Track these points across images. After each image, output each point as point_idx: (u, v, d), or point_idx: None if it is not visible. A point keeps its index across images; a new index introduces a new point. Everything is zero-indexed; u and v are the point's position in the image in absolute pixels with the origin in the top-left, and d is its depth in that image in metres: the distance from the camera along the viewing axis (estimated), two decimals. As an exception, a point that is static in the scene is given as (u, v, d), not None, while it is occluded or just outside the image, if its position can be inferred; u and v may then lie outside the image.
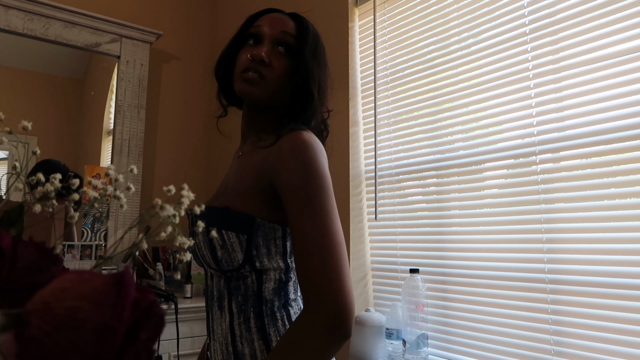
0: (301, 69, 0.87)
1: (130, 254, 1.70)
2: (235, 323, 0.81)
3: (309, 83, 0.86)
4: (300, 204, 0.76)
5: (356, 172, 1.72)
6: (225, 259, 0.81)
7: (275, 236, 0.81)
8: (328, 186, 0.79)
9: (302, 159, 0.77)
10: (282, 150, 0.79)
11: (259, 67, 0.85)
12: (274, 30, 0.89)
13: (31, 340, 0.24)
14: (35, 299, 0.26)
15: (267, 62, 0.85)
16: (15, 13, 1.98)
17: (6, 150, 1.99)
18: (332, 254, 0.72)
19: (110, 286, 0.26)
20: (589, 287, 1.10)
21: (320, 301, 0.69)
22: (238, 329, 0.81)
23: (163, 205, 0.39)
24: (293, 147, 0.78)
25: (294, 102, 0.88)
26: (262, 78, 0.85)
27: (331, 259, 0.72)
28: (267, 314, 0.81)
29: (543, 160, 1.21)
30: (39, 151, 0.53)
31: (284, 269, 0.83)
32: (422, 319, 1.36)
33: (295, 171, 0.77)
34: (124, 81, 2.23)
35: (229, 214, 0.82)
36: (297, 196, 0.76)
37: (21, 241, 0.31)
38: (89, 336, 0.24)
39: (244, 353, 0.80)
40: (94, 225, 2.09)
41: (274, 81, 0.86)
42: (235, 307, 0.82)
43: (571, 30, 1.18)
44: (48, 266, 0.31)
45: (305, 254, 0.73)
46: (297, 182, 0.76)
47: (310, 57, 0.88)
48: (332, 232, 0.74)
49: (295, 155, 0.78)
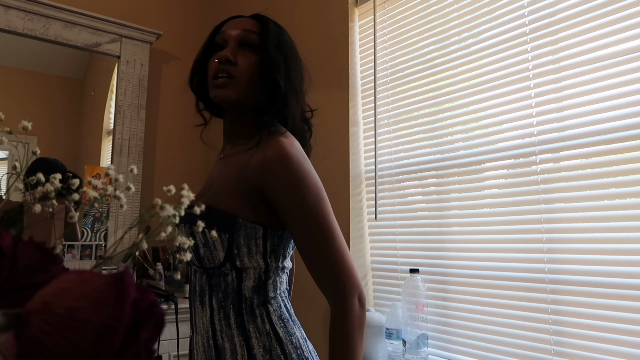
0: (266, 62, 0.90)
1: (130, 254, 1.70)
2: (215, 318, 0.86)
3: (275, 75, 0.89)
4: (303, 218, 0.84)
5: (356, 172, 1.72)
6: (207, 256, 0.85)
7: (256, 236, 0.85)
8: (321, 190, 0.86)
9: (292, 174, 0.83)
10: (266, 161, 0.84)
11: (227, 67, 0.89)
12: (237, 30, 0.92)
13: (31, 340, 0.24)
14: (35, 299, 0.26)
15: (233, 60, 0.89)
16: (15, 13, 1.98)
17: (6, 150, 1.99)
18: (342, 253, 0.84)
19: (110, 286, 0.26)
20: (589, 287, 1.10)
21: (348, 291, 0.83)
22: (218, 324, 0.86)
23: (163, 205, 0.39)
24: (279, 160, 0.83)
25: (265, 98, 0.91)
26: (232, 78, 0.89)
27: (343, 256, 0.84)
28: (246, 311, 0.85)
29: (543, 160, 1.21)
30: (39, 151, 0.53)
31: (263, 268, 0.87)
32: (422, 319, 1.36)
33: (289, 189, 0.84)
34: (124, 81, 2.23)
35: (212, 213, 0.85)
36: (298, 211, 0.84)
37: (21, 241, 0.31)
38: (89, 336, 0.24)
39: (224, 347, 0.84)
40: (94, 225, 2.08)
41: (244, 78, 0.89)
42: (215, 302, 0.86)
43: (571, 30, 1.18)
44: (48, 266, 0.31)
45: (322, 259, 0.84)
46: (294, 199, 0.83)
47: (274, 51, 0.91)
48: (336, 234, 0.85)
49: (282, 170, 0.83)
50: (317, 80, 1.90)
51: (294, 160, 0.84)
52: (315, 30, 1.92)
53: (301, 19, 2.01)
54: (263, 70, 0.90)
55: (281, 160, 0.83)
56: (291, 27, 2.21)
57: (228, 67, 0.89)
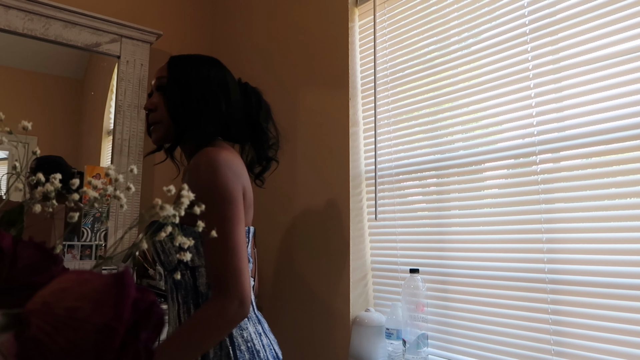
0: (166, 98, 1.06)
1: (130, 254, 1.70)
2: (180, 312, 1.00)
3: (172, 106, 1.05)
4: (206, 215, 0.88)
5: (356, 172, 1.72)
6: (166, 261, 1.00)
7: (200, 237, 0.96)
8: (229, 195, 0.95)
9: (205, 174, 0.94)
10: (190, 167, 0.98)
11: (150, 115, 1.09)
12: (154, 79, 1.11)
13: (31, 340, 0.24)
14: (35, 299, 0.26)
15: (152, 108, 1.08)
16: (15, 13, 1.98)
17: (6, 150, 1.99)
18: (234, 256, 0.91)
19: (110, 286, 0.26)
20: (589, 287, 1.10)
21: (229, 292, 0.89)
22: (183, 317, 1.00)
23: (163, 205, 0.39)
24: (197, 164, 0.96)
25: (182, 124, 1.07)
26: (158, 123, 1.07)
27: (234, 260, 0.91)
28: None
29: (543, 160, 1.21)
30: (39, 151, 0.53)
31: None
32: (422, 319, 1.36)
33: (200, 186, 0.93)
34: (124, 81, 2.23)
35: (162, 223, 0.93)
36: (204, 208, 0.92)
37: (21, 241, 0.31)
38: (89, 336, 0.24)
39: None
40: (94, 225, 2.08)
41: (165, 118, 1.06)
42: (180, 298, 1.01)
43: (571, 30, 1.18)
44: (48, 266, 0.31)
45: (214, 255, 0.92)
46: (201, 196, 0.90)
47: (173, 86, 1.06)
48: (234, 237, 0.92)
49: (198, 171, 0.95)
50: (317, 80, 1.91)
51: (209, 163, 0.95)
52: (315, 30, 1.92)
53: (301, 19, 2.01)
54: (166, 105, 1.06)
55: (197, 161, 0.96)
56: (291, 27, 2.23)
57: (151, 115, 1.08)
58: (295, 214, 1.91)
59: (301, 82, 1.96)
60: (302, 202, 1.88)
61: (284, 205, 1.98)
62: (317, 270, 1.77)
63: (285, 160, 1.99)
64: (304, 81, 1.95)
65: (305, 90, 1.94)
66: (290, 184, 1.95)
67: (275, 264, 1.99)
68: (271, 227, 2.03)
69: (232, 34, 2.45)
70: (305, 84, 1.94)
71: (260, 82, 2.31)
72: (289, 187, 1.96)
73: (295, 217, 1.91)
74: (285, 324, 1.89)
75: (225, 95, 1.08)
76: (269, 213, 2.06)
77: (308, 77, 1.93)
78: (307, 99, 1.92)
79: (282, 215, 1.98)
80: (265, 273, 2.04)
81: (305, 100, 1.93)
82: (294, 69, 2.01)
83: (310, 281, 1.80)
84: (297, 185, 1.92)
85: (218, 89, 1.08)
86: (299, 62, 1.99)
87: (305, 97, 1.93)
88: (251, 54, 2.29)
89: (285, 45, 2.09)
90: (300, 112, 1.95)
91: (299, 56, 2.00)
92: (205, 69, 1.10)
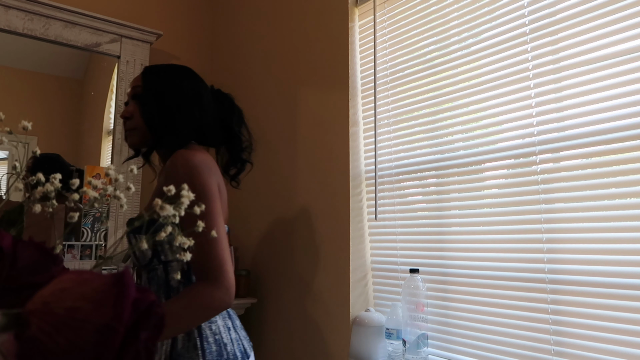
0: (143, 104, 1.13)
1: (130, 254, 1.70)
2: None
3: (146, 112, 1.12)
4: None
5: (356, 172, 1.72)
6: (141, 257, 1.05)
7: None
8: (208, 191, 1.00)
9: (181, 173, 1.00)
10: (167, 168, 1.04)
11: (127, 123, 1.15)
12: (129, 88, 1.19)
13: (31, 340, 0.24)
14: (35, 299, 0.26)
15: (128, 115, 1.15)
16: (15, 13, 1.98)
17: (6, 150, 1.99)
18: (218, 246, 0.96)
19: (110, 286, 0.26)
20: (589, 287, 1.10)
21: (217, 280, 0.94)
22: None
23: (163, 205, 0.39)
24: (174, 165, 1.02)
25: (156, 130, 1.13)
26: (134, 129, 1.14)
27: (219, 250, 0.96)
28: None
29: (543, 160, 1.21)
30: (39, 151, 0.53)
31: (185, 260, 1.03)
32: (422, 319, 1.36)
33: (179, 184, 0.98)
34: (124, 81, 2.23)
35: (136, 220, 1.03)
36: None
37: (21, 241, 0.31)
38: (89, 336, 0.24)
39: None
40: (94, 225, 2.08)
41: (141, 125, 1.13)
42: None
43: (571, 30, 1.18)
44: (48, 266, 0.31)
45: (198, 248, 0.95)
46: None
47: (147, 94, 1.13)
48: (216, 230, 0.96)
49: (176, 171, 1.01)
50: (317, 80, 1.91)
51: (185, 163, 1.00)
52: (315, 30, 1.92)
53: (301, 19, 2.01)
54: (141, 113, 1.13)
55: (173, 162, 1.02)
56: (291, 27, 2.23)
57: (128, 122, 1.15)
58: (295, 213, 1.91)
59: (301, 82, 1.96)
60: (302, 202, 1.88)
61: (283, 205, 1.98)
62: (317, 270, 1.77)
63: (285, 160, 1.99)
64: (304, 81, 1.95)
65: (305, 90, 1.94)
66: (290, 184, 1.95)
67: (275, 263, 1.99)
68: (271, 227, 2.03)
69: (232, 34, 2.45)
70: (305, 84, 1.94)
71: (260, 82, 2.31)
72: (289, 187, 1.96)
73: (295, 217, 1.91)
74: (285, 324, 1.89)
75: (198, 102, 1.14)
76: (268, 213, 2.06)
77: (308, 77, 1.93)
78: (307, 99, 1.92)
79: (282, 215, 1.98)
80: (265, 273, 2.05)
81: (305, 100, 1.93)
82: (294, 69, 2.01)
83: (310, 281, 1.80)
84: (297, 185, 1.92)
85: (191, 96, 1.14)
86: (299, 62, 1.99)
87: (305, 97, 1.93)
88: (251, 54, 2.29)
89: (285, 45, 2.09)
90: (300, 112, 1.95)
91: (299, 56, 2.00)
92: (178, 78, 1.16)
